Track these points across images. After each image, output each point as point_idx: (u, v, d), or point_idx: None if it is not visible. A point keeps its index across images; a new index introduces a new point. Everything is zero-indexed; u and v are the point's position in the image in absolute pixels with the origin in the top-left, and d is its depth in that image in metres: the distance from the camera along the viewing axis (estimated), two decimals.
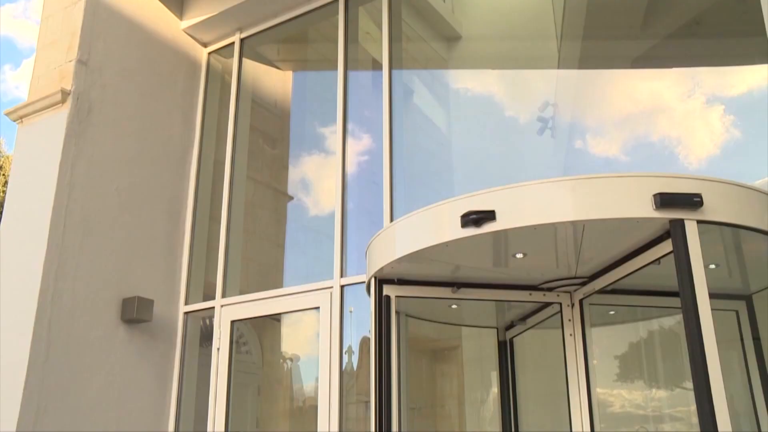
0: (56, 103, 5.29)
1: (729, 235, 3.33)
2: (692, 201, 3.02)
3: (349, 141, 5.64)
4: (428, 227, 3.43)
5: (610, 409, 4.09)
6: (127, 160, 5.68)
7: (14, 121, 5.57)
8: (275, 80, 6.91)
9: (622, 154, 4.75)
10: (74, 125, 5.27)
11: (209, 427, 5.33)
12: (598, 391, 4.01)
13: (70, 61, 5.39)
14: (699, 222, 3.03)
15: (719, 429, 2.73)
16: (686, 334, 2.91)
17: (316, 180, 6.17)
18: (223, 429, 5.28)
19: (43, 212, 5.02)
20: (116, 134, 5.63)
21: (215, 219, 6.10)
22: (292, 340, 5.98)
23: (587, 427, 3.87)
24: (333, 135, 5.76)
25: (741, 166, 4.20)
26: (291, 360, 6.05)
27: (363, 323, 5.17)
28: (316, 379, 5.06)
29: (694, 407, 3.94)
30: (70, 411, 4.87)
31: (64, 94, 5.27)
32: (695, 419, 3.92)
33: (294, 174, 6.44)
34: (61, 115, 5.24)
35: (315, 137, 6.31)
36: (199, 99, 6.54)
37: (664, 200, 3.00)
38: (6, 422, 4.55)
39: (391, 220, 4.98)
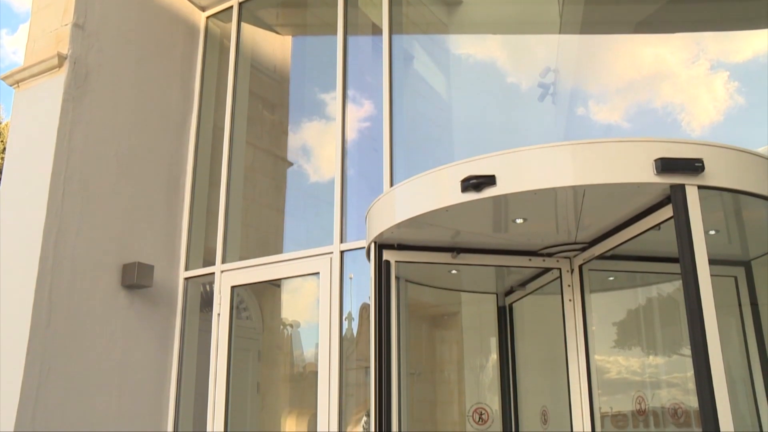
0: (53, 68, 5.24)
1: (729, 200, 3.32)
2: (693, 166, 3.00)
3: (349, 106, 5.61)
4: (428, 192, 3.42)
5: (607, 376, 4.11)
6: (125, 125, 5.65)
7: (11, 85, 5.53)
8: (274, 45, 6.85)
9: (624, 121, 4.72)
10: (72, 90, 5.23)
11: (210, 392, 5.38)
12: (596, 357, 4.03)
13: (66, 25, 5.33)
14: (700, 187, 3.02)
15: (716, 395, 2.74)
16: (685, 300, 2.91)
17: (316, 146, 6.15)
18: (224, 393, 5.33)
19: (42, 178, 5.01)
20: (114, 99, 5.59)
21: (215, 185, 6.09)
22: (292, 306, 6.01)
23: (585, 393, 3.90)
24: (332, 101, 5.72)
25: (744, 133, 4.17)
26: (291, 326, 6.08)
27: (363, 290, 5.18)
28: (316, 345, 5.09)
29: (690, 374, 3.97)
30: (74, 374, 4.91)
31: (61, 58, 5.21)
32: (691, 385, 3.95)
33: (293, 140, 6.42)
34: (58, 80, 5.20)
35: (314, 103, 6.27)
36: (197, 64, 6.48)
37: (665, 165, 2.98)
38: (11, 385, 4.59)
39: (391, 186, 4.96)
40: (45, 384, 4.71)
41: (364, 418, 5.24)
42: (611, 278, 4.32)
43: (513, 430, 4.51)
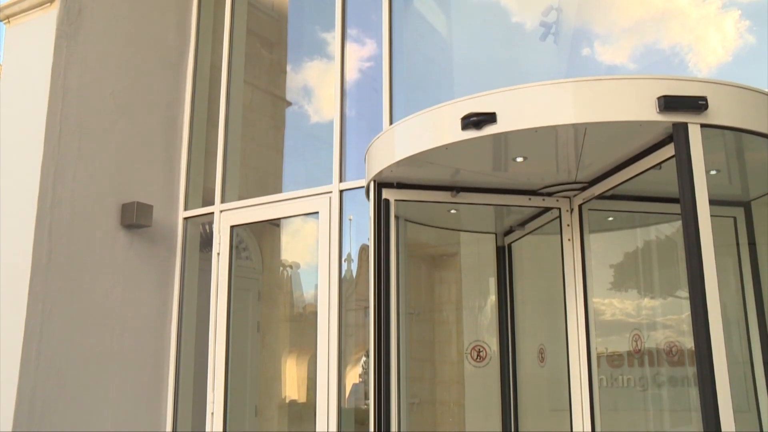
0: (44, 2, 5.13)
1: (732, 140, 3.29)
2: (697, 104, 2.96)
3: (348, 46, 5.52)
4: (428, 130, 3.39)
5: (601, 318, 4.15)
6: (121, 63, 5.56)
7: (1, 21, 5.42)
8: None
9: (630, 62, 4.64)
10: (65, 26, 5.13)
11: (211, 330, 5.44)
12: (594, 299, 4.06)
13: None
14: (703, 126, 2.98)
15: (712, 335, 2.77)
16: (684, 239, 2.91)
17: (315, 86, 6.07)
18: (224, 332, 5.39)
19: (38, 117, 4.96)
20: (109, 37, 5.49)
21: (213, 124, 6.04)
22: (292, 248, 6.03)
23: (582, 333, 3.94)
24: (332, 39, 5.62)
25: (752, 73, 4.09)
26: (291, 267, 6.11)
27: (362, 232, 5.19)
28: (316, 287, 5.12)
29: (684, 315, 4.01)
30: (75, 314, 4.96)
31: None
32: (685, 327, 4.00)
33: (292, 79, 6.34)
34: (51, 15, 5.09)
35: (313, 42, 6.17)
36: (193, 0, 6.34)
37: (667, 103, 2.94)
38: (14, 324, 4.64)
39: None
40: (48, 322, 4.75)
41: (364, 359, 5.31)
42: (610, 218, 4.32)
43: (510, 368, 4.58)
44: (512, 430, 4.48)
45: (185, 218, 5.91)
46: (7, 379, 4.55)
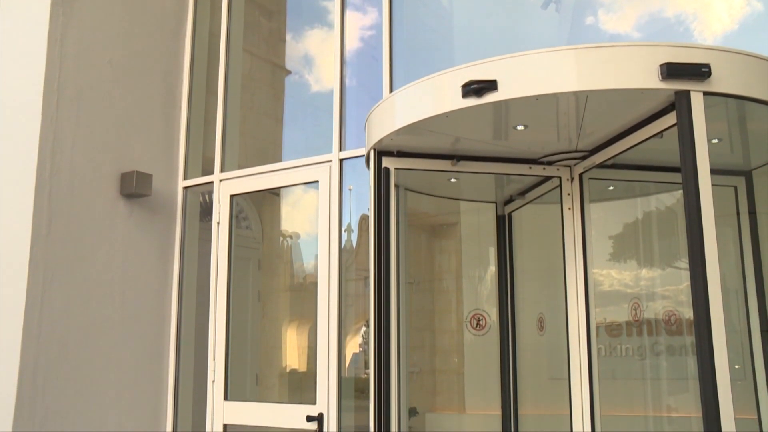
0: None
1: (734, 108, 3.27)
2: (700, 71, 2.93)
3: (348, 14, 5.46)
4: (428, 97, 3.36)
5: (599, 288, 4.16)
6: (118, 31, 5.51)
7: None
8: None
9: (634, 30, 4.59)
10: None
11: (212, 299, 5.46)
12: (593, 270, 4.07)
13: None
14: (705, 93, 2.96)
15: (711, 305, 2.77)
16: (685, 208, 2.90)
17: (315, 54, 6.02)
18: (225, 301, 5.41)
19: (35, 85, 4.92)
20: (106, 4, 5.43)
21: (212, 93, 6.00)
22: (291, 218, 6.03)
23: (582, 302, 3.96)
24: (332, 7, 5.56)
25: (760, 42, 4.05)
26: (291, 237, 6.12)
27: (362, 202, 5.19)
28: (316, 257, 5.12)
29: (682, 286, 4.03)
30: (76, 283, 4.97)
31: None
32: (683, 297, 4.02)
33: (292, 48, 6.28)
34: None
35: (313, 10, 6.10)
36: None
37: (670, 70, 2.92)
38: (15, 293, 4.65)
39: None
40: (48, 291, 4.77)
41: (364, 328, 5.34)
42: (611, 188, 4.31)
43: (510, 337, 4.60)
44: (511, 397, 4.52)
45: (185, 187, 5.90)
46: (10, 348, 4.58)
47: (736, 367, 3.78)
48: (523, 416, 4.53)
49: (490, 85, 3.11)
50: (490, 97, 3.12)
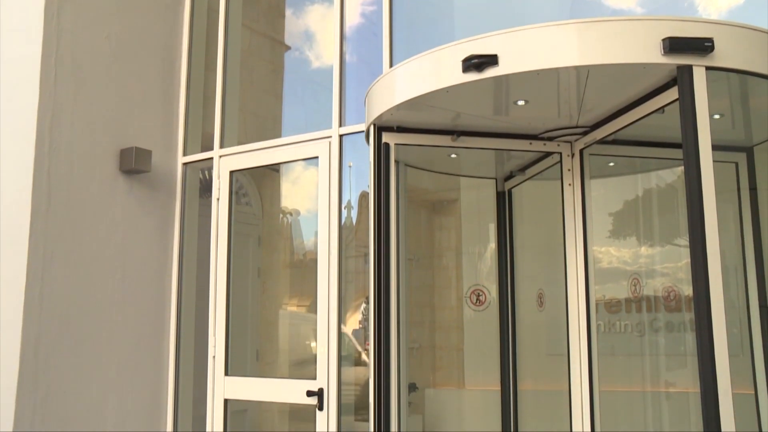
0: None
1: (736, 84, 3.25)
2: (702, 46, 2.90)
3: None
4: (429, 72, 3.34)
5: (598, 265, 4.16)
6: (116, 6, 5.46)
7: None
8: None
9: (637, 6, 4.55)
10: None
11: (212, 275, 5.47)
12: (592, 248, 4.07)
13: None
14: (708, 68, 2.94)
15: (710, 282, 2.77)
16: (686, 184, 2.89)
17: (315, 30, 5.98)
18: (225, 277, 5.42)
19: (32, 60, 4.88)
20: None
21: (211, 68, 5.96)
22: (292, 195, 6.03)
23: (582, 278, 3.96)
24: None
25: (765, 17, 4.00)
26: (291, 214, 6.12)
27: (362, 179, 5.17)
28: (316, 234, 5.12)
29: (681, 263, 4.04)
30: (76, 259, 4.97)
31: None
32: (682, 275, 4.03)
33: (291, 23, 6.23)
34: None
35: None
36: None
37: (672, 45, 2.89)
38: (16, 269, 4.66)
39: None
40: (49, 268, 4.77)
41: (364, 305, 5.36)
42: (611, 164, 4.30)
43: (509, 313, 4.62)
44: (510, 373, 4.55)
45: (184, 163, 5.89)
46: (12, 324, 4.60)
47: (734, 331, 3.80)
48: (523, 392, 4.56)
49: (491, 60, 3.08)
50: (490, 72, 3.10)
